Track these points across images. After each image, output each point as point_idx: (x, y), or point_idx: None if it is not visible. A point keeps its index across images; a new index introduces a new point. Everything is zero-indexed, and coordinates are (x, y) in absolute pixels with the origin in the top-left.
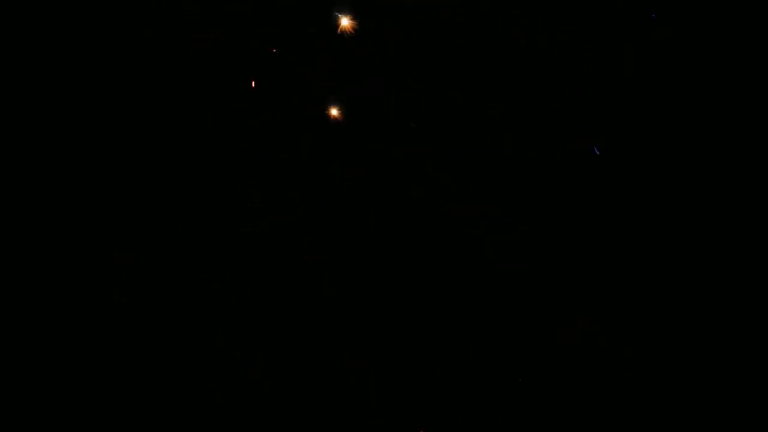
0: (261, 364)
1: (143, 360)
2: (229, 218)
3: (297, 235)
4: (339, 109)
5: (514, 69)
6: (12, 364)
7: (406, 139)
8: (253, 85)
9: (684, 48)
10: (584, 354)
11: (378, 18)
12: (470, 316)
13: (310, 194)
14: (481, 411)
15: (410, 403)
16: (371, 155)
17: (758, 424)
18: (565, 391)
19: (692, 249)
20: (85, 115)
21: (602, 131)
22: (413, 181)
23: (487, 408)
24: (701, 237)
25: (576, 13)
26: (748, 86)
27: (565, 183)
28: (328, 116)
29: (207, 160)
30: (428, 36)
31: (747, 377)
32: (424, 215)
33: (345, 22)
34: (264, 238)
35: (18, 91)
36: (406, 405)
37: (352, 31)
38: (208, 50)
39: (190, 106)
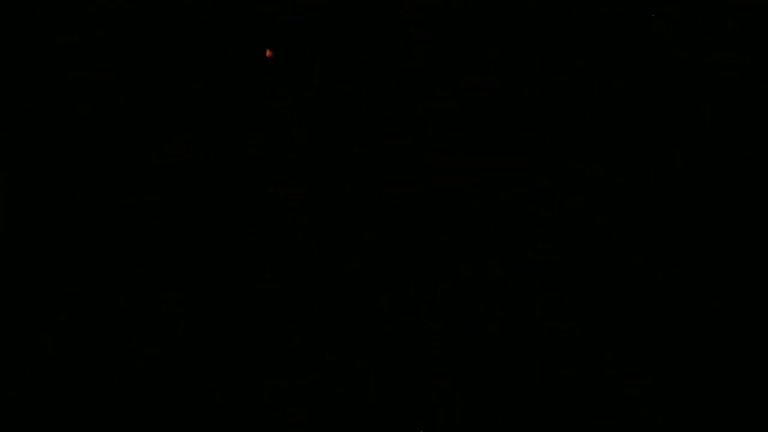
0: (260, 363)
1: (142, 359)
2: (228, 218)
3: (297, 235)
4: (337, 110)
5: (514, 68)
6: (13, 364)
7: (407, 141)
8: (268, 54)
9: (684, 48)
10: (583, 354)
11: (377, 18)
12: (470, 316)
13: (311, 193)
14: (481, 411)
15: (410, 403)
16: (371, 155)
17: (757, 424)
18: (564, 391)
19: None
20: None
21: (602, 132)
22: (413, 181)
23: (487, 408)
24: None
25: (575, 13)
26: (747, 86)
27: (566, 183)
28: (326, 116)
29: (206, 160)
30: (427, 35)
31: (746, 378)
32: (424, 215)
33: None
34: (264, 238)
35: (19, 93)
36: (406, 405)
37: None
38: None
39: (187, 105)
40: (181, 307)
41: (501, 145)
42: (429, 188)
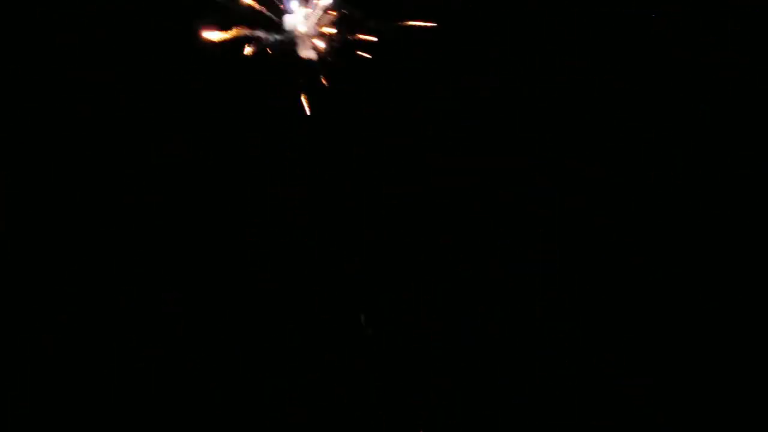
0: (259, 362)
1: (142, 359)
2: (228, 218)
3: (297, 235)
4: (340, 109)
5: (514, 68)
6: (13, 365)
7: (409, 142)
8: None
9: (684, 48)
10: (583, 354)
11: (377, 19)
12: (470, 316)
13: (311, 193)
14: (481, 411)
15: (410, 403)
16: (371, 155)
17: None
18: (564, 391)
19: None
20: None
21: (601, 132)
22: (413, 181)
23: (487, 408)
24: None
25: (575, 13)
26: (747, 85)
27: (566, 183)
28: (327, 115)
29: (207, 160)
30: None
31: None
32: (424, 215)
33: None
34: (264, 238)
35: (19, 93)
36: (406, 405)
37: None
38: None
39: (187, 105)
40: (181, 307)
41: (501, 145)
42: (429, 188)
